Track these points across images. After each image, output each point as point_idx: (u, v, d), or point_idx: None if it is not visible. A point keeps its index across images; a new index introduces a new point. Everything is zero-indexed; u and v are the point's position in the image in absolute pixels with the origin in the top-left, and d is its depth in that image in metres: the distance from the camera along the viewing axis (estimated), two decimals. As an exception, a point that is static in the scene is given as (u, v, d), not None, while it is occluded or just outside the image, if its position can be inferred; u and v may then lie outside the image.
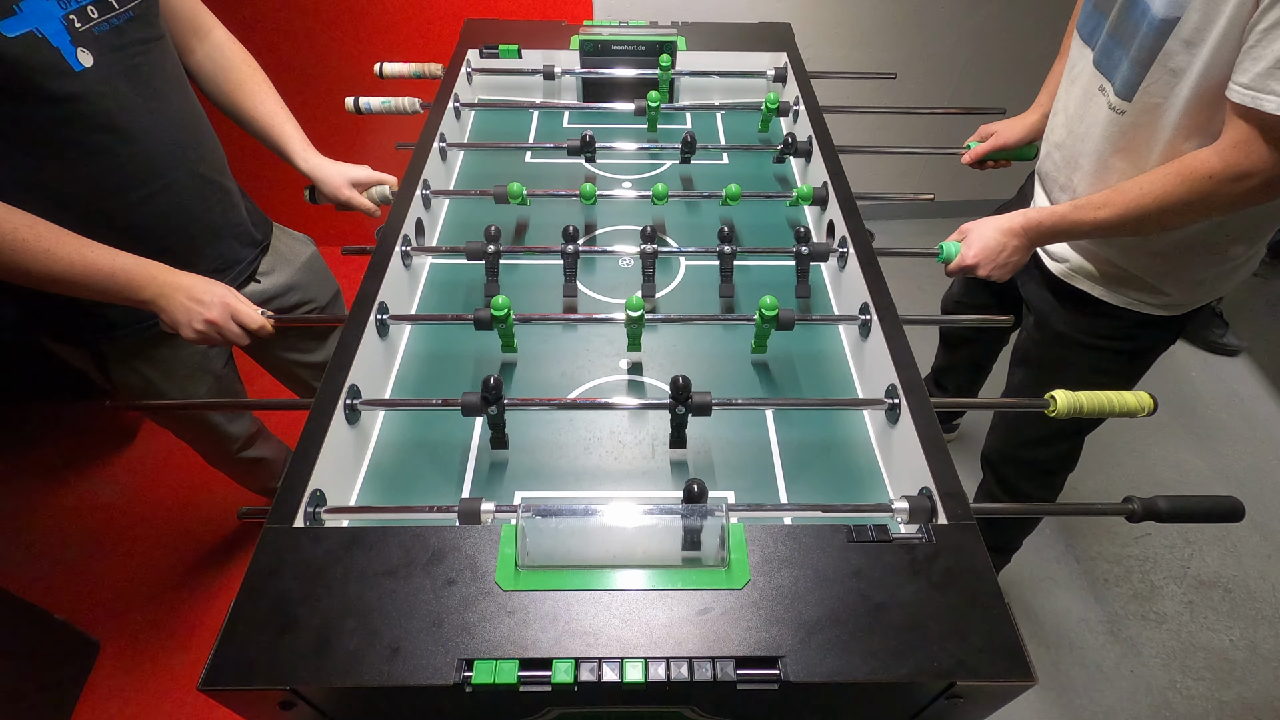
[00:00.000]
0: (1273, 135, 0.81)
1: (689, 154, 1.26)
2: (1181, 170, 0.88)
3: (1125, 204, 0.93)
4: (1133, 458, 2.04)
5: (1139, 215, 0.92)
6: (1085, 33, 1.05)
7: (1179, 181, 0.88)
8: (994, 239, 1.04)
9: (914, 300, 2.45)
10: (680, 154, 1.26)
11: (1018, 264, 1.06)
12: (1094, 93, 1.01)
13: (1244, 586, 1.76)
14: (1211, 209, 0.89)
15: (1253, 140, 0.82)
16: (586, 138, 1.22)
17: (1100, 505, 0.78)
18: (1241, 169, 0.84)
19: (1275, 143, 0.81)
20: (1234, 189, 0.85)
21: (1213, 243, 1.02)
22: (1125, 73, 0.94)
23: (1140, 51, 0.91)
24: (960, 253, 1.06)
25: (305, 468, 0.73)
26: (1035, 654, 1.63)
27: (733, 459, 0.88)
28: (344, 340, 0.86)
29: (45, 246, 0.86)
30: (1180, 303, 1.10)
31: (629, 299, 0.90)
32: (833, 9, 2.17)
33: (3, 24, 0.79)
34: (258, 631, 0.59)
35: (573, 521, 0.67)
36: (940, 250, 1.08)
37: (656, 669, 0.57)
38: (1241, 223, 1.00)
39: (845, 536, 0.66)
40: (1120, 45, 0.95)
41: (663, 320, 1.03)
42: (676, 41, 1.44)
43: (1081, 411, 0.81)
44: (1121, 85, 0.95)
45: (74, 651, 1.54)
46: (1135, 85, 0.93)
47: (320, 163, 1.18)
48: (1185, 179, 0.88)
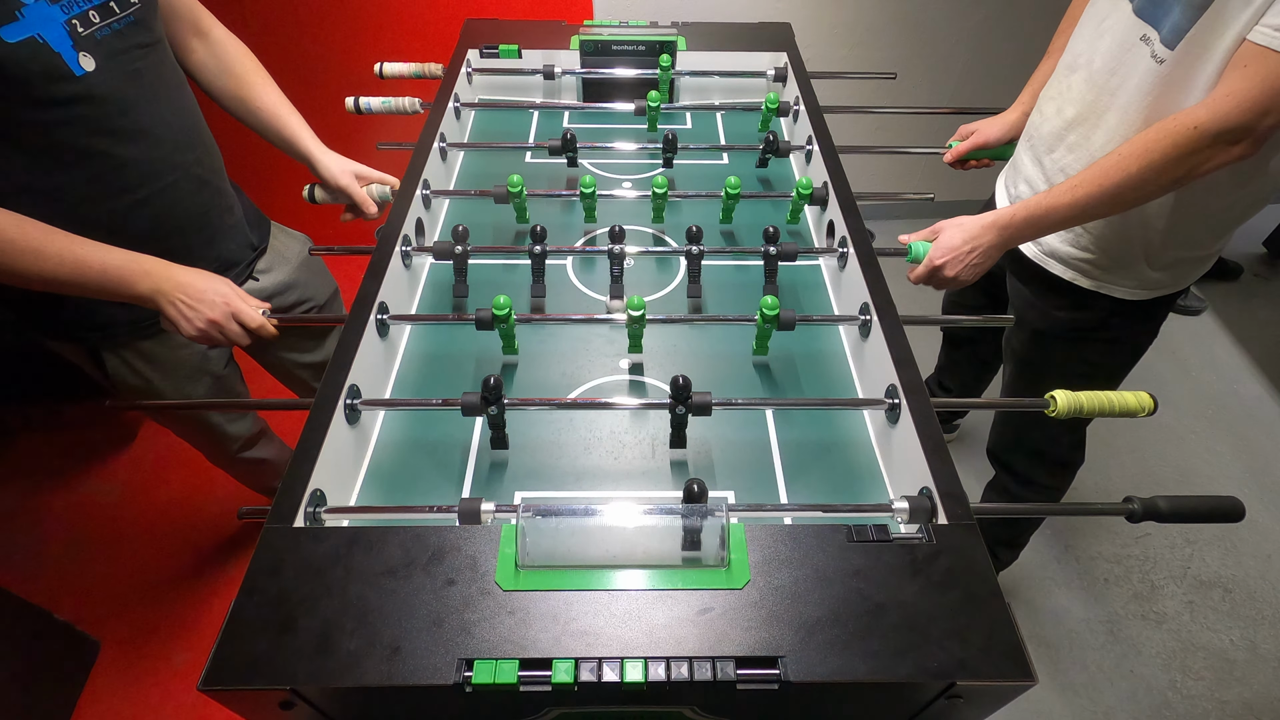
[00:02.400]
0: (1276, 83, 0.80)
1: (671, 154, 1.26)
2: (1164, 126, 0.87)
3: (1104, 175, 0.91)
4: (1133, 458, 2.04)
5: (1119, 183, 0.90)
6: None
7: (1160, 136, 0.87)
8: (958, 237, 1.00)
9: (914, 300, 2.45)
10: (662, 153, 1.26)
11: (986, 265, 1.02)
12: (1134, 43, 0.95)
13: (1244, 586, 1.76)
14: (1193, 165, 0.87)
15: (1249, 89, 0.81)
16: (568, 136, 1.22)
17: (1100, 505, 0.78)
18: (1230, 118, 0.83)
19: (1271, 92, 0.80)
20: (1217, 140, 0.84)
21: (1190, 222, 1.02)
22: (1175, 19, 0.89)
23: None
24: (928, 253, 1.03)
25: (305, 468, 0.73)
26: (1035, 654, 1.63)
27: (733, 459, 0.88)
28: (344, 340, 0.86)
29: (33, 246, 0.85)
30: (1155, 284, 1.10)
31: (630, 299, 0.90)
32: (833, 9, 2.17)
33: (4, 29, 0.79)
34: (258, 631, 0.59)
35: (573, 521, 0.67)
36: (909, 250, 1.05)
37: (656, 669, 0.57)
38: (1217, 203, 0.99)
39: (845, 536, 0.66)
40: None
41: (663, 320, 1.03)
42: (676, 41, 1.44)
43: (1082, 411, 0.81)
44: (1170, 32, 0.90)
45: (74, 651, 1.54)
46: (1183, 32, 0.88)
47: (325, 153, 1.19)
48: (1168, 133, 0.86)
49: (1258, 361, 2.31)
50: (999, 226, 0.99)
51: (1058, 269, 1.14)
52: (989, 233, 0.99)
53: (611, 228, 1.06)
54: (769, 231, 1.05)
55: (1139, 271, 1.09)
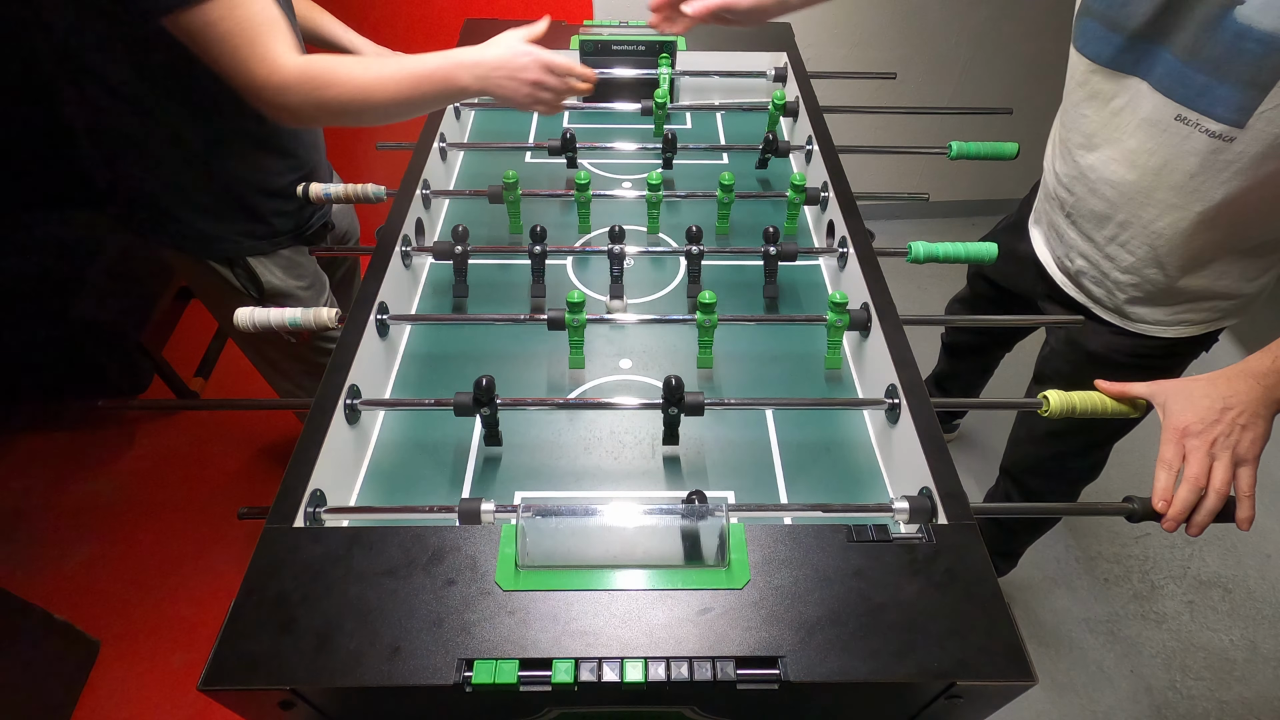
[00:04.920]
0: None
1: (670, 153, 1.26)
2: None
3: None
4: (1133, 458, 2.04)
5: None
6: (1121, 63, 0.93)
7: None
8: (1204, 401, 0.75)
9: (914, 300, 2.45)
10: (661, 154, 1.26)
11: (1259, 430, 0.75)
12: (1170, 123, 0.89)
13: (1244, 586, 1.76)
14: None
15: None
16: (567, 135, 1.22)
17: (1100, 505, 0.78)
18: None
19: None
20: None
21: None
22: (1229, 96, 0.82)
23: (1255, 73, 0.79)
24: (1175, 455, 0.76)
25: (305, 468, 0.73)
26: (1035, 654, 1.63)
27: (733, 459, 0.88)
28: (344, 340, 0.86)
29: (375, 73, 0.91)
30: (1244, 305, 1.05)
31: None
32: (833, 9, 2.17)
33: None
34: (258, 631, 0.59)
35: (573, 521, 0.67)
36: (910, 250, 1.00)
37: (656, 669, 0.57)
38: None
39: (845, 536, 0.66)
40: (1205, 71, 0.84)
41: (663, 321, 1.03)
42: (676, 41, 1.44)
43: (1074, 412, 0.81)
44: (1226, 111, 0.83)
45: (74, 651, 1.54)
46: (1250, 110, 0.81)
47: (365, 43, 1.29)
48: None
49: (1258, 361, 2.31)
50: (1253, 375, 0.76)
51: (1144, 328, 1.08)
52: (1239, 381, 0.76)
53: (612, 228, 1.06)
54: (769, 231, 1.05)
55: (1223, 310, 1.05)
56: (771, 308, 1.08)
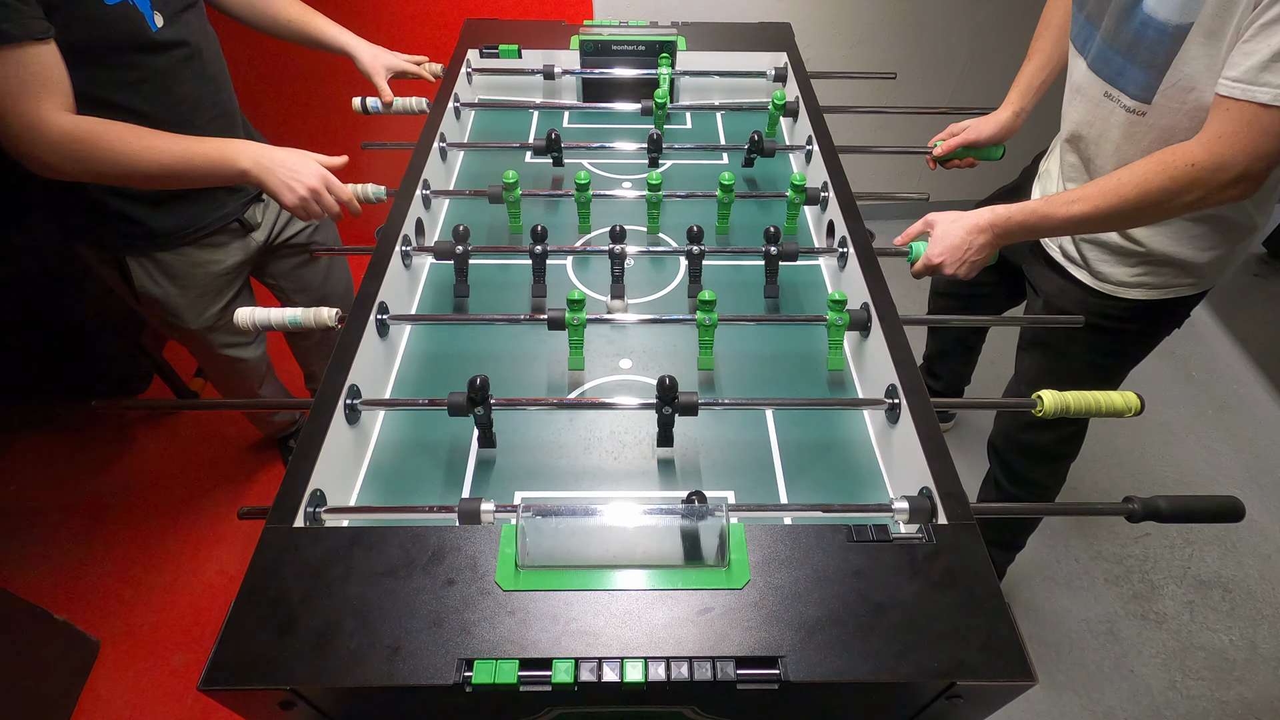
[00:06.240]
0: (1259, 127, 0.82)
1: (655, 153, 1.26)
2: (1162, 160, 0.89)
3: (1101, 196, 0.93)
4: (1133, 458, 2.04)
5: (1115, 207, 0.92)
6: (1079, 43, 1.05)
7: (1159, 170, 0.89)
8: (959, 236, 1.02)
9: (914, 300, 2.44)
10: (647, 153, 1.26)
11: (983, 261, 1.04)
12: (1099, 98, 1.02)
13: (1244, 586, 1.76)
14: (1189, 200, 0.89)
15: (1238, 132, 0.83)
16: (552, 136, 1.22)
17: (1100, 505, 0.78)
18: (1224, 159, 0.85)
19: (1260, 135, 0.82)
20: (1214, 179, 0.86)
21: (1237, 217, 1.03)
22: (1137, 77, 0.95)
23: (1153, 57, 0.91)
24: (925, 251, 1.05)
25: (305, 468, 0.73)
26: (1035, 654, 1.63)
27: (733, 459, 0.88)
28: (344, 340, 0.86)
29: (146, 144, 0.98)
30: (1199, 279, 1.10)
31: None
32: (833, 9, 2.17)
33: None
34: (258, 631, 0.59)
35: (573, 521, 0.67)
36: (910, 250, 1.07)
37: (656, 669, 0.57)
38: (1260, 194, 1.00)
39: (845, 536, 0.66)
40: (1120, 54, 0.96)
41: (663, 321, 1.03)
42: (676, 41, 1.44)
43: (1069, 411, 0.81)
44: (1136, 89, 0.96)
45: (74, 651, 1.54)
46: (1153, 88, 0.93)
47: (360, 43, 1.34)
48: (1166, 168, 0.88)
49: (1258, 361, 2.31)
50: (994, 229, 1.01)
51: (1109, 289, 1.14)
52: (984, 234, 1.01)
53: (612, 227, 1.06)
54: (770, 231, 1.05)
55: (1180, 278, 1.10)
56: (772, 308, 1.08)
